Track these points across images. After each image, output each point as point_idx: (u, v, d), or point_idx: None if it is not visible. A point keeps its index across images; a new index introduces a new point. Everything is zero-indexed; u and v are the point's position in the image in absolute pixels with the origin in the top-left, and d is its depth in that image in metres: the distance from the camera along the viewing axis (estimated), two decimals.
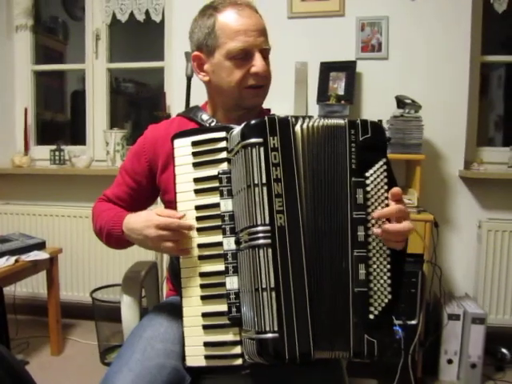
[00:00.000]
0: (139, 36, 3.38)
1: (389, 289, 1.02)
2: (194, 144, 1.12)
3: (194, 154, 1.12)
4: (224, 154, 1.09)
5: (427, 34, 2.63)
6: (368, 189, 1.03)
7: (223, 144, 1.09)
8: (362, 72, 2.70)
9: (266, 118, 1.01)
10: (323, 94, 2.63)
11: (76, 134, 3.66)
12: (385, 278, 1.02)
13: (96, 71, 3.15)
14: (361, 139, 1.04)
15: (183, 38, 2.66)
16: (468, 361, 2.34)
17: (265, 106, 1.45)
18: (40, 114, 3.42)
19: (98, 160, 3.11)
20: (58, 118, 3.85)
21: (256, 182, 0.98)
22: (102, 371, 2.37)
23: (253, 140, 1.00)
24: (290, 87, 2.70)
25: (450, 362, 2.39)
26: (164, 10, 2.98)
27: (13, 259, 2.31)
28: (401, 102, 2.45)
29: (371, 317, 1.01)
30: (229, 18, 1.23)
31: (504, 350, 2.54)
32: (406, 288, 2.23)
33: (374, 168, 1.04)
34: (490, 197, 2.68)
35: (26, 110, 3.21)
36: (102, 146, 3.10)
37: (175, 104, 2.89)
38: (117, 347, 2.61)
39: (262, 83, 1.27)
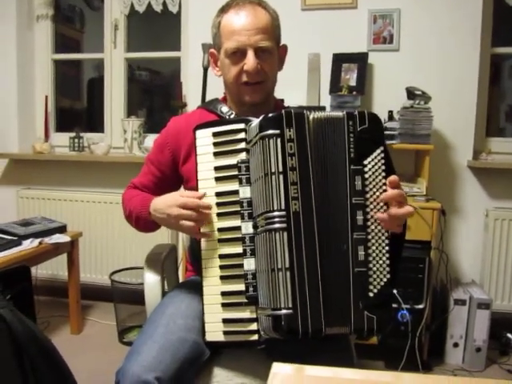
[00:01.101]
0: (156, 26, 3.45)
1: (387, 269, 1.10)
2: (215, 135, 1.20)
3: (215, 144, 1.20)
4: (243, 145, 1.17)
5: (438, 26, 2.67)
6: (366, 176, 1.11)
7: (242, 135, 1.17)
8: (374, 63, 2.75)
9: (283, 111, 1.09)
10: (335, 85, 2.69)
11: (92, 121, 3.74)
12: (383, 258, 1.10)
13: (114, 61, 3.23)
14: (358, 129, 1.12)
15: (199, 28, 2.79)
16: (473, 345, 2.42)
17: (278, 96, 1.54)
18: (58, 102, 3.50)
19: (115, 147, 3.21)
20: (75, 106, 3.94)
21: (273, 170, 1.06)
22: (120, 349, 2.53)
23: (270, 131, 1.07)
24: (303, 78, 2.76)
25: (455, 345, 2.46)
26: (181, 1, 3.04)
27: (37, 241, 2.41)
28: (411, 94, 2.51)
29: (370, 295, 1.09)
30: (229, 19, 1.33)
31: (509, 335, 2.59)
32: (413, 273, 2.30)
33: (372, 156, 1.11)
34: (497, 186, 2.73)
35: (46, 98, 3.30)
36: (119, 134, 3.19)
37: (191, 94, 2.96)
38: (134, 327, 2.72)
39: (255, 80, 1.34)
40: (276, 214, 1.06)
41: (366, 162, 1.11)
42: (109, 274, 2.82)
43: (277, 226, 1.05)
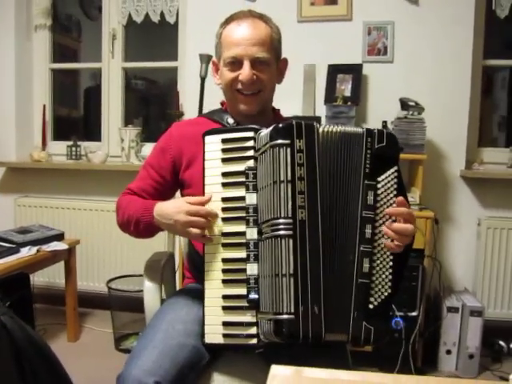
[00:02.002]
0: (153, 36, 3.48)
1: (389, 283, 1.14)
2: (224, 141, 1.23)
3: (224, 151, 1.22)
4: (251, 153, 1.20)
5: (431, 38, 2.73)
6: (378, 192, 1.15)
7: (251, 143, 1.20)
8: (368, 74, 2.80)
9: (294, 122, 1.12)
10: (330, 95, 2.73)
11: (90, 129, 3.76)
12: (386, 273, 1.14)
13: (112, 70, 3.27)
14: (376, 147, 1.16)
15: (197, 39, 2.84)
16: (466, 352, 2.45)
17: (274, 106, 1.58)
18: (56, 111, 3.52)
19: (112, 156, 3.23)
20: (72, 114, 3.96)
21: (282, 178, 1.09)
22: (117, 356, 2.53)
23: (280, 141, 1.11)
24: (298, 88, 2.79)
25: (448, 352, 2.49)
26: (178, 12, 3.09)
27: (35, 249, 2.42)
28: (405, 105, 2.56)
29: (370, 306, 1.13)
30: (229, 31, 1.40)
31: (501, 342, 2.63)
32: (407, 281, 2.33)
33: (386, 174, 1.16)
34: (489, 196, 2.78)
35: (44, 107, 3.33)
36: (116, 143, 3.22)
37: (187, 103, 3.00)
38: (131, 335, 2.72)
39: (249, 91, 1.40)
40: (282, 221, 1.08)
41: (379, 179, 1.16)
42: (106, 282, 2.83)
43: (283, 232, 1.08)
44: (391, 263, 1.15)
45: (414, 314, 2.35)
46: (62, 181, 3.24)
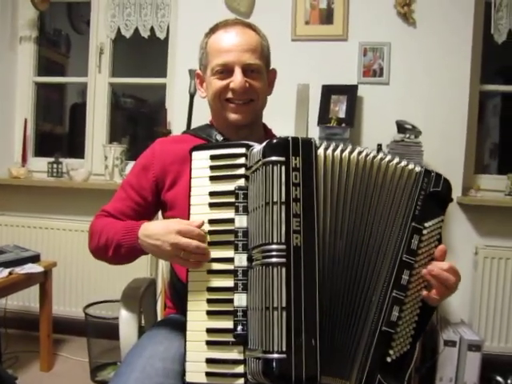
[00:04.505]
0: (142, 52, 3.41)
1: (410, 339, 1.04)
2: (213, 158, 1.12)
3: (212, 168, 1.11)
4: (242, 171, 1.08)
5: (428, 61, 2.67)
6: (423, 238, 1.05)
7: (242, 160, 1.09)
8: (363, 96, 2.72)
9: (290, 137, 1.02)
10: (324, 117, 2.65)
11: (73, 147, 3.65)
12: (410, 327, 1.04)
13: (98, 85, 3.16)
14: (431, 190, 1.07)
15: (187, 55, 2.74)
16: None
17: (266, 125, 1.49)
18: (38, 126, 3.41)
19: (95, 174, 3.10)
20: (56, 131, 3.85)
21: (275, 199, 0.98)
22: None
23: (274, 158, 1.00)
24: (291, 108, 2.70)
25: None
26: (169, 28, 3.00)
27: (7, 271, 2.28)
28: (401, 127, 2.48)
29: (388, 360, 1.02)
30: (216, 39, 1.32)
31: (498, 378, 2.51)
32: None
33: (434, 221, 1.07)
34: (486, 224, 2.69)
35: (25, 121, 3.20)
36: (100, 160, 3.09)
37: (176, 121, 2.90)
38: (108, 365, 2.56)
39: (241, 99, 1.30)
40: (274, 247, 0.97)
41: (427, 225, 1.06)
42: (83, 307, 2.67)
43: (275, 260, 0.96)
44: (417, 318, 1.04)
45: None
46: (41, 199, 3.10)
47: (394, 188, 1.07)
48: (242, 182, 1.08)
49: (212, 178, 1.11)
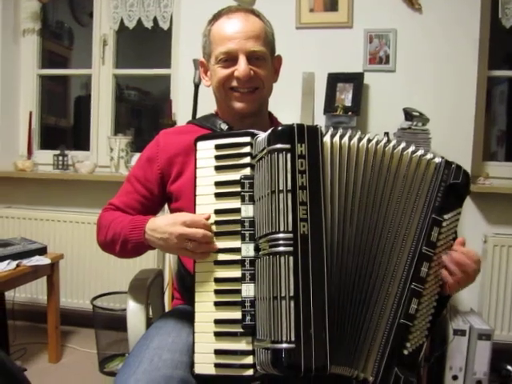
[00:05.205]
0: (146, 43, 3.38)
1: (426, 332, 1.03)
2: (218, 147, 1.11)
3: (217, 158, 1.10)
4: (247, 160, 1.07)
5: (434, 47, 2.63)
6: (442, 230, 1.05)
7: (247, 149, 1.08)
8: (369, 84, 2.69)
9: (295, 124, 1.00)
10: (330, 105, 2.62)
11: (78, 139, 3.65)
12: (427, 319, 1.04)
13: (102, 77, 3.14)
14: (451, 182, 1.06)
15: (190, 45, 2.71)
16: (473, 377, 2.31)
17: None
18: (43, 119, 3.40)
19: (101, 166, 3.10)
20: (61, 123, 3.85)
21: (281, 188, 0.97)
22: (101, 380, 2.37)
23: (279, 146, 0.98)
24: (296, 97, 2.68)
25: (455, 378, 2.35)
26: (172, 18, 2.98)
27: (14, 263, 2.28)
28: (408, 115, 2.44)
29: (405, 352, 1.01)
30: (219, 26, 1.29)
31: (509, 367, 2.50)
32: None
33: (452, 213, 1.06)
34: (496, 211, 2.66)
35: (30, 114, 3.19)
36: (105, 152, 3.09)
37: (181, 111, 2.88)
38: (116, 356, 2.57)
39: (246, 87, 1.29)
40: (281, 235, 0.95)
41: (446, 217, 1.05)
42: (90, 299, 2.67)
43: (282, 249, 0.95)
44: (433, 310, 1.04)
45: None
46: (47, 191, 3.10)
47: (411, 178, 1.06)
48: (247, 171, 1.07)
49: (217, 168, 1.10)
